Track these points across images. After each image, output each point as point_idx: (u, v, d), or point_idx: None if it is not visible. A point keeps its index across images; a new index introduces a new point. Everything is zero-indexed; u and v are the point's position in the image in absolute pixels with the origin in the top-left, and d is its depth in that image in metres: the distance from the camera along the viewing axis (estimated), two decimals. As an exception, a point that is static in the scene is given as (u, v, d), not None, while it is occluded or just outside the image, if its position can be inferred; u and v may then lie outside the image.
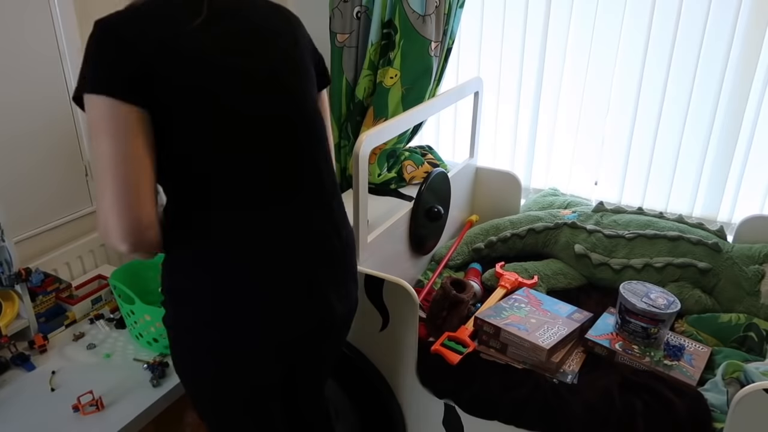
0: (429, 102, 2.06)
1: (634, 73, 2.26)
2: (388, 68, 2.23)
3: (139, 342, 1.79)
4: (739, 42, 2.07)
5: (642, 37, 2.20)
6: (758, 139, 2.15)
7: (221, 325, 1.22)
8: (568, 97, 2.42)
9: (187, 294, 1.23)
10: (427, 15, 2.14)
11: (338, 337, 1.49)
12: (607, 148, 2.42)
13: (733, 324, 1.86)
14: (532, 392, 1.61)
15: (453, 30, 2.29)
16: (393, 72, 2.22)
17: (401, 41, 2.18)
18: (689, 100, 2.20)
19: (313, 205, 1.29)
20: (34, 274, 1.76)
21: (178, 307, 1.26)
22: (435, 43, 2.20)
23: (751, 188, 2.22)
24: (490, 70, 2.52)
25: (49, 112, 1.92)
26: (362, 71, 2.31)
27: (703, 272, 2.00)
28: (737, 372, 1.57)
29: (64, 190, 2.01)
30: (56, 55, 1.91)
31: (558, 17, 2.32)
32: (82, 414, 1.52)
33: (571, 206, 2.36)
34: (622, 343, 1.77)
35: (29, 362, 1.70)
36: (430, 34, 2.17)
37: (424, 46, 2.18)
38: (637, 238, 2.08)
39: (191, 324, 1.24)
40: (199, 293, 1.22)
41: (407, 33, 2.16)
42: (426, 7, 2.13)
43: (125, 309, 1.76)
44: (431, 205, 2.10)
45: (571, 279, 2.15)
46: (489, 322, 1.75)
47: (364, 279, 1.71)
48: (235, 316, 1.21)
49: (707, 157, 2.25)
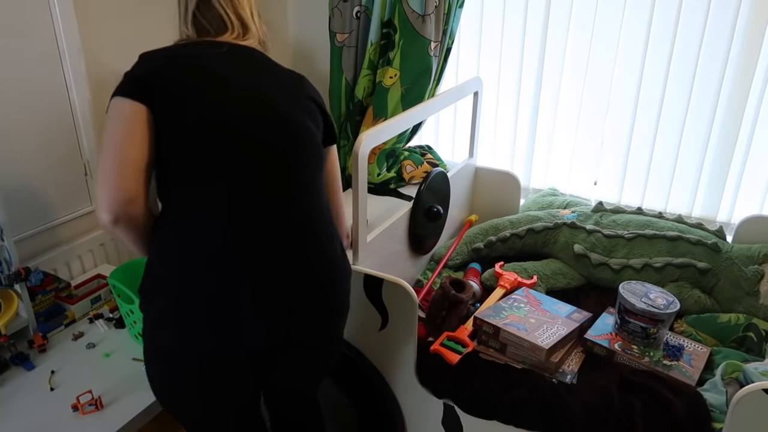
0: (429, 102, 2.06)
1: (633, 73, 2.26)
2: (388, 68, 2.23)
3: (138, 341, 1.79)
4: (739, 41, 2.07)
5: (642, 37, 2.20)
6: (758, 139, 2.15)
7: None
8: (568, 97, 2.41)
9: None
10: (426, 15, 2.14)
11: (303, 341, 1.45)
12: (606, 148, 2.42)
13: (732, 324, 1.86)
14: (531, 392, 1.61)
15: (453, 30, 2.29)
16: (393, 72, 2.22)
17: (401, 41, 2.18)
18: (689, 100, 2.20)
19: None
20: (34, 274, 1.76)
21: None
22: (435, 43, 2.20)
23: (751, 188, 2.22)
24: (489, 70, 2.52)
25: (48, 112, 1.92)
26: (362, 71, 2.31)
27: (703, 272, 2.00)
28: (736, 372, 1.58)
29: (63, 190, 2.01)
30: (56, 54, 1.91)
31: (558, 17, 2.32)
32: (82, 413, 1.52)
33: (571, 206, 2.36)
34: (622, 343, 1.77)
35: (28, 361, 1.70)
36: (429, 34, 2.17)
37: (424, 46, 2.18)
38: (637, 238, 2.08)
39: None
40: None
41: (407, 33, 2.16)
42: (426, 7, 2.13)
43: (124, 308, 1.77)
44: (430, 204, 2.10)
45: (570, 279, 2.15)
46: (488, 322, 1.75)
47: (363, 278, 1.71)
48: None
49: (707, 157, 2.25)
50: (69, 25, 1.91)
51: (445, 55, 2.33)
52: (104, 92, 2.06)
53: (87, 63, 1.98)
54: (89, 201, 2.10)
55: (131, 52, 2.11)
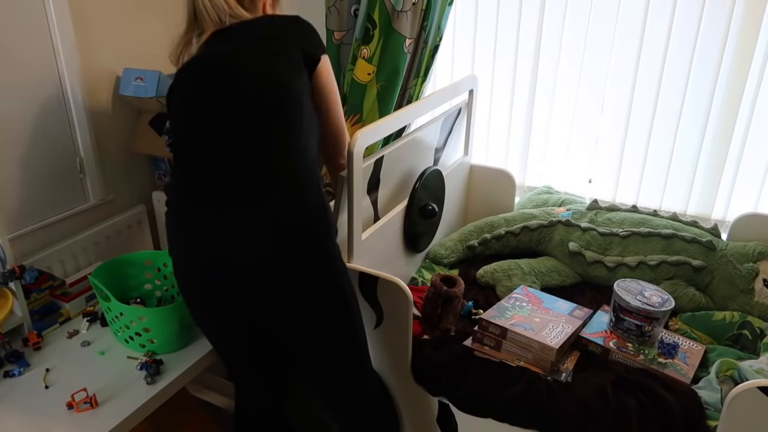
0: (423, 100, 2.05)
1: (628, 71, 2.26)
2: (363, 62, 2.21)
3: (118, 338, 1.79)
4: (733, 39, 2.07)
5: (636, 35, 2.20)
6: (752, 137, 2.16)
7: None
8: (563, 95, 2.41)
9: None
10: (403, 11, 2.12)
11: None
12: (601, 145, 2.42)
13: (727, 322, 1.87)
14: (527, 390, 1.61)
15: (441, 27, 2.27)
16: (370, 68, 2.21)
17: (381, 37, 2.17)
18: (683, 98, 2.20)
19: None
20: (28, 272, 1.75)
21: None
22: (409, 39, 2.19)
23: (746, 186, 2.23)
24: (484, 68, 2.52)
25: (43, 109, 1.91)
26: (347, 66, 2.31)
27: (697, 270, 2.01)
28: (731, 370, 1.58)
29: (58, 188, 2.01)
30: (50, 51, 1.90)
31: (552, 15, 2.32)
32: (76, 411, 1.51)
33: (566, 204, 2.36)
34: (616, 341, 1.77)
35: (23, 359, 1.70)
36: (405, 30, 2.16)
37: (399, 42, 2.16)
38: (632, 236, 2.09)
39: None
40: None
41: (385, 29, 2.15)
42: (403, 3, 2.12)
43: (104, 306, 1.76)
44: (425, 202, 2.10)
45: (565, 277, 2.15)
46: (495, 323, 1.74)
47: (358, 276, 1.71)
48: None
49: (701, 154, 2.25)
50: (63, 22, 1.91)
51: (432, 52, 2.31)
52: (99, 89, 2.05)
53: (81, 60, 1.98)
54: (84, 199, 2.09)
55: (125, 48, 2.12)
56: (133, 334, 1.72)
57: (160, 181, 2.19)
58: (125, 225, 2.18)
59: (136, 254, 1.99)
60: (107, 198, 2.14)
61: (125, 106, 2.13)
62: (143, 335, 1.71)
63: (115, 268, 1.91)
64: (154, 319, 1.70)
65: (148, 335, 1.72)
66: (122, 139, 2.16)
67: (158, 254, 1.98)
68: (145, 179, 2.26)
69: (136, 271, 1.96)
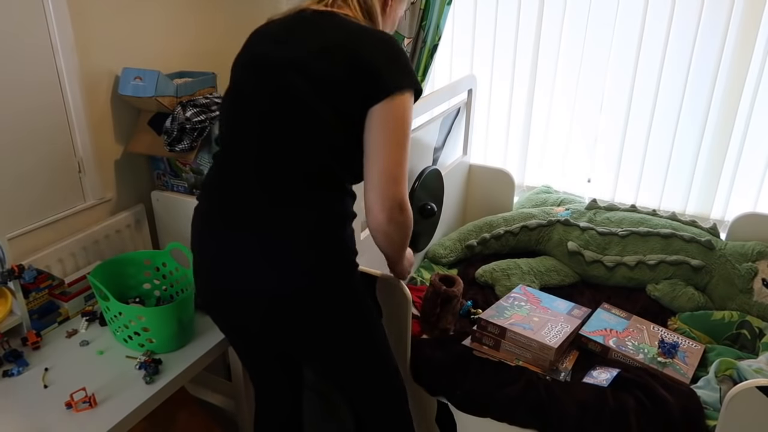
0: (422, 100, 2.05)
1: (627, 71, 2.26)
2: None
3: (117, 338, 1.78)
4: (732, 39, 2.08)
5: (635, 35, 2.20)
6: (751, 137, 2.16)
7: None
8: (562, 95, 2.42)
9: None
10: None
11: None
12: (600, 145, 2.43)
13: (726, 321, 1.87)
14: (525, 390, 1.61)
15: (440, 26, 2.27)
16: None
17: None
18: (682, 98, 2.21)
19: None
20: (27, 271, 1.75)
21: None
22: (408, 38, 2.18)
23: (744, 186, 2.23)
24: (483, 68, 2.52)
25: (41, 109, 1.91)
26: None
27: (696, 270, 2.01)
28: (730, 369, 1.58)
29: (56, 187, 2.00)
30: (49, 49, 1.90)
31: (551, 15, 2.32)
32: (75, 411, 1.51)
33: (564, 204, 2.36)
34: (616, 339, 1.77)
35: (22, 359, 1.69)
36: (403, 29, 2.15)
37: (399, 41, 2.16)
38: (630, 236, 2.09)
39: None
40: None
41: None
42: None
43: (103, 305, 1.76)
44: (424, 202, 2.10)
45: (564, 276, 2.15)
46: (494, 323, 1.74)
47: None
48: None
49: (700, 154, 2.25)
50: (62, 21, 1.90)
51: (431, 52, 2.31)
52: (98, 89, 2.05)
53: (80, 60, 1.97)
54: (83, 198, 2.09)
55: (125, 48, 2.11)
56: (132, 333, 1.72)
57: (159, 181, 2.18)
58: (124, 224, 2.17)
59: (135, 254, 1.98)
60: (106, 197, 2.14)
61: (124, 106, 2.13)
62: (142, 335, 1.71)
63: (114, 268, 1.91)
64: (152, 318, 1.70)
65: (146, 335, 1.71)
66: (121, 138, 2.16)
67: (157, 254, 1.97)
68: (144, 179, 2.25)
69: (135, 270, 1.96)
